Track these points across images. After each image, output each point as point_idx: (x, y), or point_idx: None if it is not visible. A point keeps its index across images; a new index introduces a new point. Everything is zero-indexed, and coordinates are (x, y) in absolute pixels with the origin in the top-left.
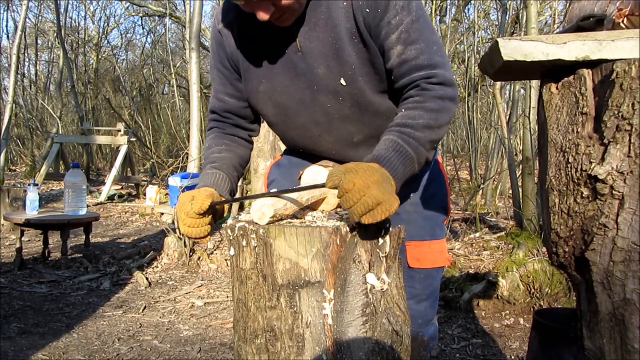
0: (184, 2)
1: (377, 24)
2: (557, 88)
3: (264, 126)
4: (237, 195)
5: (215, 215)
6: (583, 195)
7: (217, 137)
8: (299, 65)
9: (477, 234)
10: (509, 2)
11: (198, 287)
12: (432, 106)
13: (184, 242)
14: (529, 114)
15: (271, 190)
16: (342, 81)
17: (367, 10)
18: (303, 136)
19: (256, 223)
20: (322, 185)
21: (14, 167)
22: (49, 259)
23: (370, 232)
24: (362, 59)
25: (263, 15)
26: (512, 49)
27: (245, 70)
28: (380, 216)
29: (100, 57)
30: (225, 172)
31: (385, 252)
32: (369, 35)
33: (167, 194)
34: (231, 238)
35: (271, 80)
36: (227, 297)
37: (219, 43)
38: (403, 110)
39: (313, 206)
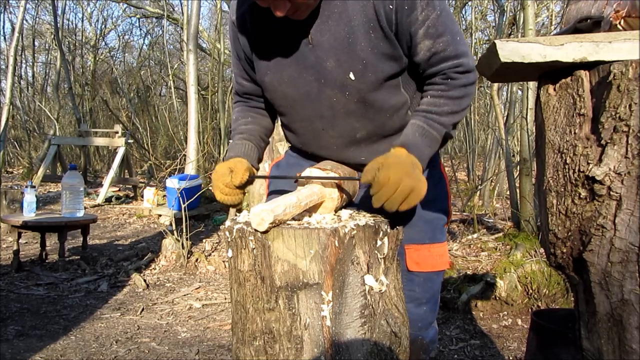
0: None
1: (404, 21)
2: (554, 89)
3: None
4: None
5: (247, 184)
6: (581, 196)
7: (242, 109)
8: (308, 58)
9: (475, 235)
10: (507, 3)
11: (196, 289)
12: (456, 94)
13: (182, 244)
14: (527, 115)
15: (270, 195)
16: (351, 75)
17: (391, 7)
18: (306, 129)
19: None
20: (358, 179)
21: (11, 169)
22: (47, 261)
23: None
24: (377, 53)
25: (279, 13)
26: (510, 51)
27: (256, 60)
28: (414, 201)
29: (97, 58)
30: (254, 142)
31: (384, 254)
32: (390, 30)
33: (164, 195)
34: (229, 240)
35: (279, 71)
36: (225, 299)
37: (234, 33)
38: (429, 97)
39: (311, 210)
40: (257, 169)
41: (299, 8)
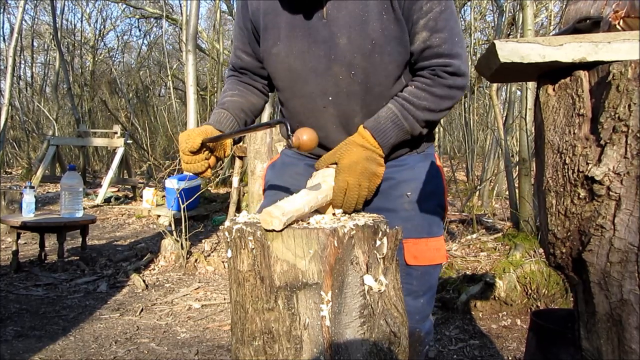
0: (181, 4)
1: (410, 7)
2: (553, 90)
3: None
4: (232, 195)
5: (217, 151)
6: (580, 196)
7: (232, 82)
8: (321, 33)
9: (474, 236)
10: (505, 4)
11: (195, 289)
12: (439, 92)
13: (181, 245)
14: (526, 115)
15: (267, 191)
16: (359, 54)
17: None
18: (306, 106)
19: (256, 225)
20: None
21: (10, 170)
22: (46, 261)
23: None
24: (388, 36)
25: None
26: (509, 51)
27: (264, 29)
28: (371, 194)
29: (96, 59)
30: (231, 112)
31: (383, 254)
32: (401, 13)
33: (164, 196)
34: (229, 240)
35: (288, 43)
36: (225, 299)
37: (244, 1)
38: (412, 87)
39: (321, 210)
40: (222, 130)
41: None
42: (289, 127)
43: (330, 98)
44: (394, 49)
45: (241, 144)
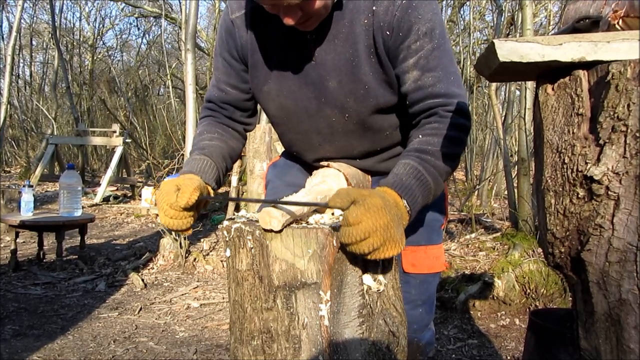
0: (180, 3)
1: (397, 47)
2: (553, 89)
3: (260, 127)
4: (231, 194)
5: (199, 205)
6: (579, 196)
7: (210, 124)
8: (310, 74)
9: (473, 235)
10: (505, 3)
11: (194, 288)
12: (451, 135)
13: (180, 244)
14: (525, 115)
15: (268, 193)
16: (352, 99)
17: (388, 32)
18: (302, 141)
19: (254, 224)
20: (325, 205)
21: (8, 169)
22: (44, 260)
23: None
24: (378, 79)
25: (289, 21)
26: (509, 51)
27: (253, 65)
28: (382, 256)
29: (95, 58)
30: (214, 160)
31: None
32: (386, 57)
33: None
34: (227, 239)
35: (279, 82)
36: (223, 298)
37: (230, 32)
38: (420, 136)
39: (320, 210)
40: (215, 190)
41: (310, 18)
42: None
43: (324, 137)
44: (387, 92)
45: None
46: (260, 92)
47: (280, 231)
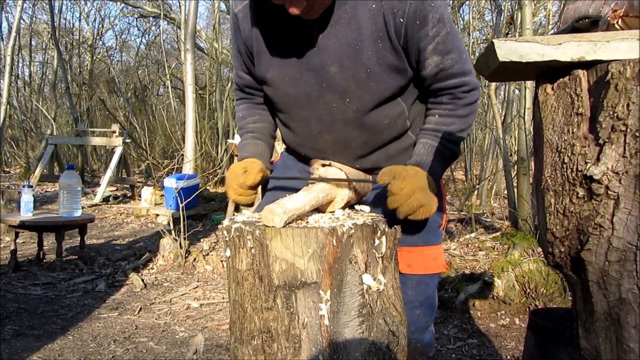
0: (179, 4)
1: (414, 35)
2: (552, 89)
3: None
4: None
5: (261, 184)
6: (579, 195)
7: (248, 107)
8: (312, 61)
9: (473, 235)
10: (504, 3)
11: (194, 288)
12: (463, 112)
13: (180, 244)
14: (524, 114)
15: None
16: (354, 83)
17: (402, 20)
18: (303, 130)
19: (254, 224)
20: (372, 182)
21: (8, 169)
22: (44, 261)
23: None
24: (383, 63)
25: (294, 10)
26: (508, 50)
27: (257, 54)
28: (421, 216)
29: (95, 58)
30: (265, 141)
31: (382, 253)
32: (398, 43)
33: (162, 195)
34: (227, 239)
35: (280, 70)
36: (223, 298)
37: (236, 26)
38: (437, 116)
39: (321, 209)
40: (270, 169)
41: (314, 7)
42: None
43: (325, 125)
44: (390, 77)
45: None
46: (265, 80)
47: (282, 227)
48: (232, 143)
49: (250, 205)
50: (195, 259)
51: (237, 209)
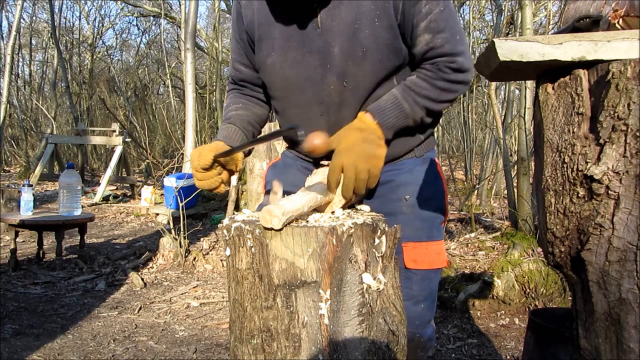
0: (179, 3)
1: (409, 10)
2: (553, 88)
3: None
4: (230, 193)
5: (229, 166)
6: (579, 195)
7: (235, 96)
8: (315, 42)
9: (473, 234)
10: (504, 3)
11: (194, 287)
12: (441, 85)
13: (180, 243)
14: (524, 114)
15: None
16: (351, 62)
17: None
18: (302, 116)
19: (254, 223)
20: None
21: (8, 168)
22: (44, 260)
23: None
24: (379, 43)
25: None
26: (509, 50)
27: (259, 39)
28: (374, 182)
29: (95, 57)
30: (239, 126)
31: (382, 252)
32: (395, 19)
33: (162, 194)
34: (227, 238)
35: (283, 53)
36: (223, 297)
37: (238, 13)
38: (415, 77)
39: (320, 209)
40: (246, 154)
41: None
42: (302, 132)
43: (326, 107)
44: (385, 56)
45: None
46: (265, 65)
47: (280, 230)
48: None
49: (215, 188)
50: (195, 258)
51: (237, 207)
